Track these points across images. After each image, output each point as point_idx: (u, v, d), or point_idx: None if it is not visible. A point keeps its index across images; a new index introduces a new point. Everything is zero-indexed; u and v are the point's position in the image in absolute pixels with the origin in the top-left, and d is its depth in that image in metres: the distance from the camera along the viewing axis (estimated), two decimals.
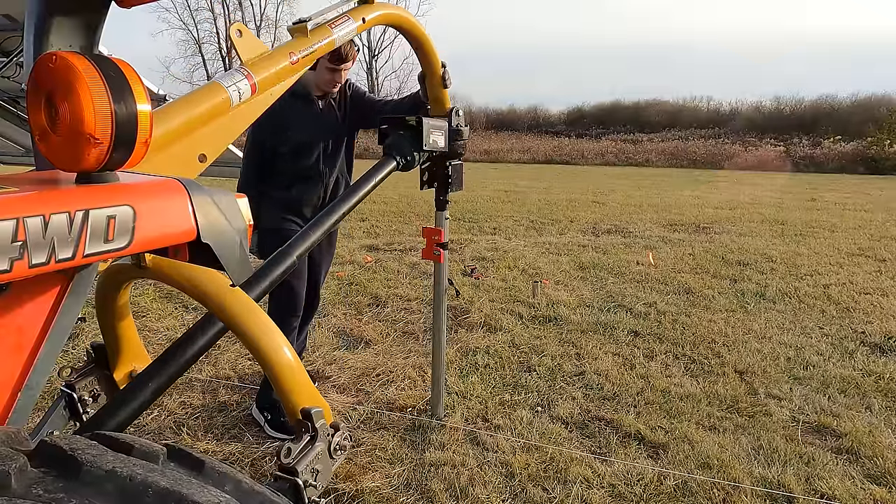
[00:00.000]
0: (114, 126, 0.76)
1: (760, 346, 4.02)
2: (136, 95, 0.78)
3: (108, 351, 1.35)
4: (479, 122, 38.58)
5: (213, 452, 2.62)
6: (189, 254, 0.91)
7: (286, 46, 1.47)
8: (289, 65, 1.43)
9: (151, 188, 0.85)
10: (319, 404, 1.18)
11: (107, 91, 0.75)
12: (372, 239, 7.54)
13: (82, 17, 0.93)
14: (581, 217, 9.91)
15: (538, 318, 4.54)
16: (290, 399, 1.16)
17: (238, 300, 1.16)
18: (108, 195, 0.78)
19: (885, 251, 7.25)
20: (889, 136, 24.90)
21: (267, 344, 1.14)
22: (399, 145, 2.20)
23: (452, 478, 2.46)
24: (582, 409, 3.12)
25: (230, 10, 41.03)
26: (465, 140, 2.52)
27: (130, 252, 0.80)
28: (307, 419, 1.15)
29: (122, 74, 0.78)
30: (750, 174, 22.16)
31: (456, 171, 2.60)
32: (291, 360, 1.16)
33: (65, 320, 0.89)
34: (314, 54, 1.52)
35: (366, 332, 4.15)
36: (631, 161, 28.09)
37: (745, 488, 2.42)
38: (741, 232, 8.59)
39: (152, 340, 3.91)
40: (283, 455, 1.10)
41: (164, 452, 0.76)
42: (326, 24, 1.61)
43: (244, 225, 0.95)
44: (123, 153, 0.79)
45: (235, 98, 1.28)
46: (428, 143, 2.26)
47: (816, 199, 13.45)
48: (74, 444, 0.67)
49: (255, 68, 1.35)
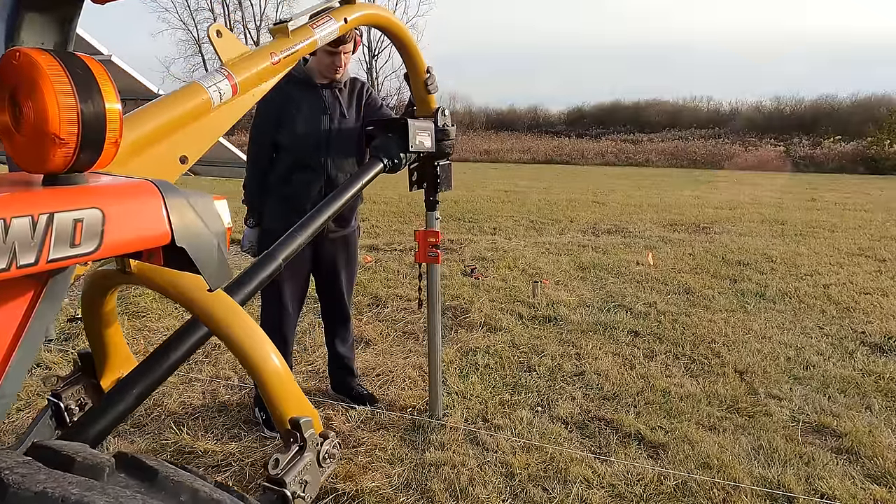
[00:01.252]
0: (80, 126, 0.72)
1: (760, 346, 4.02)
2: (104, 94, 0.75)
3: (94, 358, 1.33)
4: (479, 122, 38.61)
5: (214, 452, 2.62)
6: (164, 258, 0.88)
7: (267, 47, 1.46)
8: (270, 65, 1.42)
9: (122, 190, 0.81)
10: (308, 413, 1.15)
11: (72, 89, 0.72)
12: (372, 239, 7.53)
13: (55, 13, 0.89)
14: (581, 217, 9.91)
15: (538, 318, 4.54)
16: (277, 407, 1.13)
17: (223, 305, 1.13)
18: (75, 197, 0.74)
19: (885, 251, 7.25)
20: (889, 136, 24.88)
21: (253, 350, 1.12)
22: (386, 147, 2.20)
23: (452, 478, 2.46)
24: (582, 409, 3.12)
25: (230, 10, 41.05)
26: (453, 140, 2.52)
27: (99, 257, 0.77)
28: (296, 429, 1.13)
29: (90, 72, 0.75)
30: (750, 174, 22.15)
31: (444, 170, 2.60)
32: (279, 367, 1.14)
33: (38, 326, 0.84)
34: (296, 55, 1.52)
35: (366, 332, 4.15)
36: (631, 161, 28.08)
37: (745, 488, 2.42)
38: (741, 232, 8.59)
39: (153, 340, 3.91)
40: (271, 466, 1.08)
41: (110, 464, 0.72)
42: (308, 25, 1.60)
43: (222, 228, 0.92)
44: (92, 154, 0.76)
45: (216, 99, 1.26)
46: (414, 144, 2.26)
47: (816, 199, 13.45)
48: (2, 462, 0.63)
49: (236, 69, 1.34)
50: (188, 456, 2.60)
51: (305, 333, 4.10)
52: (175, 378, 3.28)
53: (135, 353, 1.40)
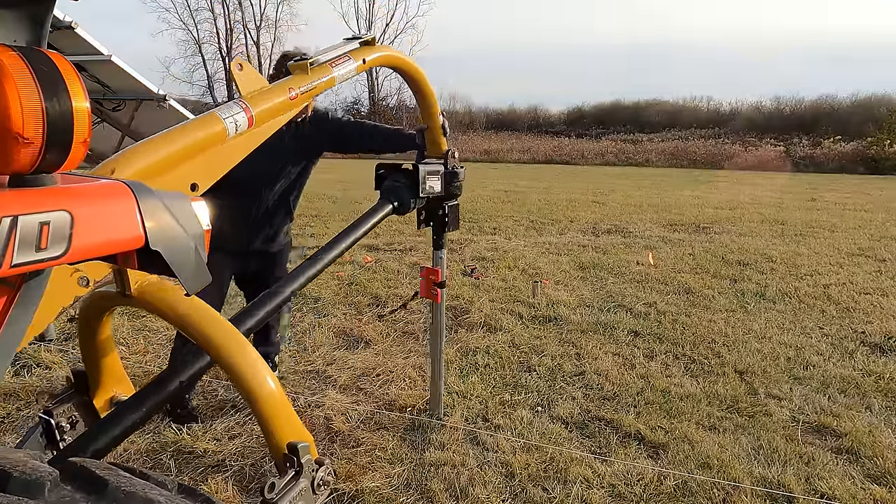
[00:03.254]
0: (45, 124, 0.69)
1: (760, 346, 4.02)
2: (71, 91, 0.72)
3: (88, 377, 1.33)
4: (479, 122, 38.59)
5: (214, 452, 2.62)
6: (138, 262, 0.85)
7: (286, 82, 1.51)
8: (287, 100, 1.47)
9: (93, 192, 0.78)
10: (305, 438, 1.15)
11: (36, 86, 0.69)
12: (372, 239, 7.53)
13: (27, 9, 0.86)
14: (581, 217, 9.91)
15: (538, 318, 4.54)
16: (274, 433, 1.13)
17: (226, 334, 1.13)
18: (42, 199, 0.71)
19: (885, 251, 7.25)
20: (889, 136, 24.87)
21: (253, 378, 1.11)
22: (396, 191, 2.27)
23: (452, 478, 2.46)
24: (582, 409, 3.11)
25: (230, 10, 41.05)
26: (461, 181, 2.57)
27: (68, 261, 0.74)
28: (293, 454, 1.13)
29: (56, 69, 0.72)
30: (750, 174, 22.15)
31: (452, 211, 2.65)
32: (276, 392, 1.14)
33: (11, 332, 0.82)
34: (313, 91, 1.57)
35: (366, 332, 4.15)
36: (631, 161, 28.08)
37: (745, 488, 2.42)
38: (741, 232, 8.59)
39: (153, 340, 3.91)
40: (267, 490, 1.08)
41: (52, 478, 0.68)
42: (327, 63, 1.66)
43: (200, 230, 0.89)
44: (59, 154, 0.73)
45: (232, 129, 1.29)
46: (424, 190, 2.34)
47: (816, 199, 13.45)
48: None
49: (254, 101, 1.37)
50: (188, 456, 2.60)
51: (305, 333, 4.11)
52: None
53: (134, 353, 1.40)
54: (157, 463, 2.54)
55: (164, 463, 2.54)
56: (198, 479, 2.45)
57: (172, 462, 2.55)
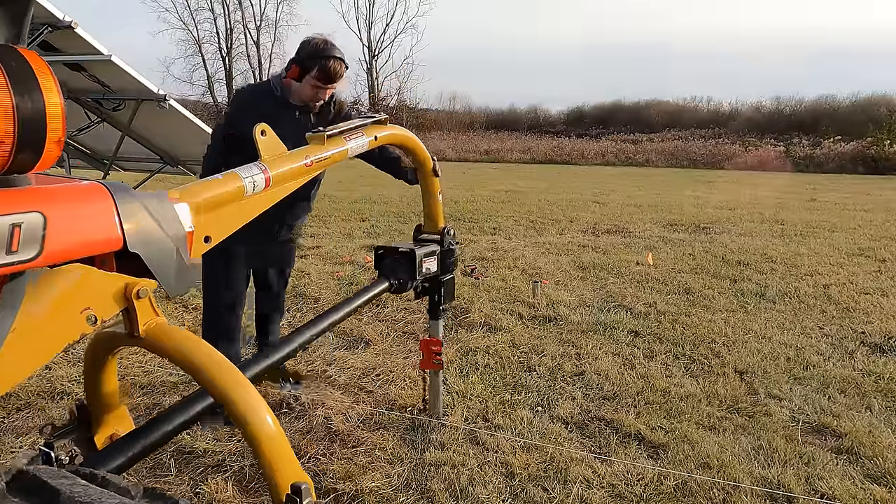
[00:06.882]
0: (16, 123, 0.67)
1: (760, 346, 4.02)
2: (44, 89, 0.69)
3: (91, 413, 1.33)
4: (479, 122, 38.61)
5: (214, 452, 2.61)
6: (117, 264, 0.83)
7: (303, 150, 1.62)
8: (303, 166, 1.56)
9: (68, 193, 0.76)
10: (304, 479, 1.16)
11: (6, 84, 0.66)
12: (372, 239, 7.53)
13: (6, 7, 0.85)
14: (581, 217, 9.91)
15: (538, 318, 4.54)
16: (275, 475, 1.14)
17: (232, 378, 1.13)
18: (13, 201, 0.69)
19: (885, 251, 7.25)
20: (889, 136, 24.84)
21: (254, 419, 1.12)
22: (395, 270, 2.39)
23: (452, 478, 2.46)
24: (582, 409, 3.12)
25: (230, 10, 41.09)
26: (457, 256, 2.66)
27: (42, 264, 0.72)
28: (296, 495, 1.12)
29: (27, 65, 0.69)
30: (750, 174, 22.15)
31: (448, 285, 2.72)
32: (278, 435, 1.15)
33: None
34: (328, 160, 1.69)
35: (366, 332, 4.15)
36: (631, 161, 28.05)
37: (745, 488, 2.42)
38: (741, 232, 8.59)
39: None
40: None
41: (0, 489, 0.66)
42: (342, 136, 1.79)
43: (182, 232, 0.88)
44: (31, 154, 0.70)
45: (250, 188, 1.36)
46: (421, 273, 2.44)
47: (816, 199, 13.44)
48: None
49: (272, 164, 1.45)
50: (188, 456, 2.60)
51: None
52: (175, 378, 3.28)
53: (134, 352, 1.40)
54: (157, 463, 2.53)
55: (164, 463, 2.53)
56: (198, 479, 2.45)
57: (172, 462, 2.54)
